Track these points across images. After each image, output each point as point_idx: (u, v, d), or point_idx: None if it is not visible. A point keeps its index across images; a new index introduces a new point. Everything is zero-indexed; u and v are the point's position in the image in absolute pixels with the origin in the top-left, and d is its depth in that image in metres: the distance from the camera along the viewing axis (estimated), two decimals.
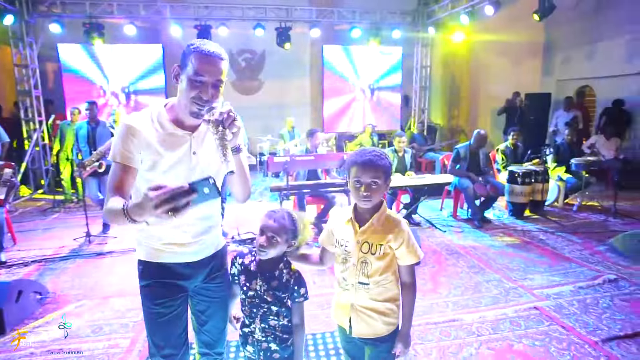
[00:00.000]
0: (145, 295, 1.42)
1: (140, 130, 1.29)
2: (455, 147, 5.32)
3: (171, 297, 1.41)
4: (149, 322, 1.43)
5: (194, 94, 1.25)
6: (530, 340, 2.52)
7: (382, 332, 1.46)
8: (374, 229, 1.42)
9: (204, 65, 1.23)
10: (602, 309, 2.89)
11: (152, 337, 1.44)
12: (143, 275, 1.42)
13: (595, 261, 3.76)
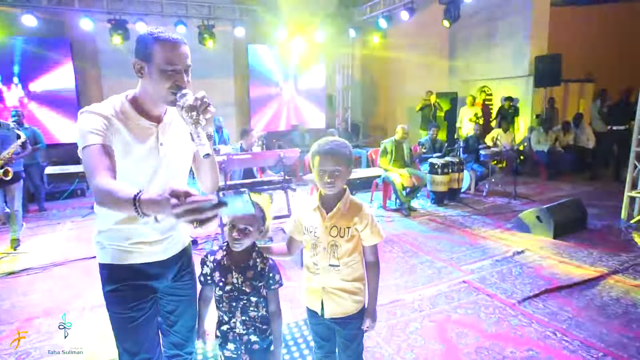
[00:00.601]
0: (113, 301, 1.34)
1: (109, 117, 1.22)
2: (382, 142, 5.69)
3: (143, 300, 1.35)
4: (119, 328, 1.35)
5: (169, 84, 1.21)
6: (464, 310, 2.84)
7: (352, 310, 1.57)
8: (341, 214, 1.52)
9: (173, 53, 1.20)
10: (515, 276, 3.37)
11: (123, 345, 1.36)
12: (109, 280, 1.34)
13: (505, 237, 4.32)
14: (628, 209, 4.42)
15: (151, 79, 1.23)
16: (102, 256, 1.35)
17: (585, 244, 4.05)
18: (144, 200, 0.99)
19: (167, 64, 1.20)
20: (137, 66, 1.24)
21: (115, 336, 1.37)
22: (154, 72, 1.21)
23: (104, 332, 2.40)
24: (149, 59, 1.21)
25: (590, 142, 7.61)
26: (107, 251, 1.34)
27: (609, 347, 2.37)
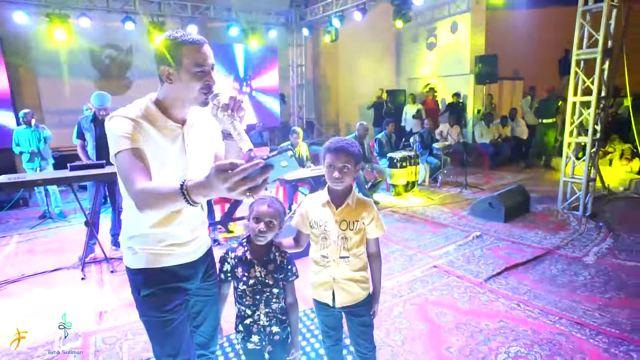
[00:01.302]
0: (150, 305, 1.34)
1: (138, 120, 1.23)
2: None
3: (178, 301, 1.37)
4: (157, 332, 1.36)
5: (200, 84, 1.23)
6: (439, 291, 3.10)
7: (361, 297, 1.70)
8: (350, 209, 1.64)
9: (201, 54, 1.22)
10: (477, 258, 3.71)
11: (161, 348, 1.36)
12: (145, 285, 1.34)
13: (463, 224, 4.71)
14: (564, 192, 5.00)
15: (181, 82, 1.23)
16: (134, 261, 1.35)
17: (531, 226, 4.55)
18: (192, 187, 0.99)
19: (197, 66, 1.21)
20: (164, 73, 1.24)
21: (152, 340, 1.38)
22: (184, 76, 1.22)
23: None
24: (177, 64, 1.22)
25: (524, 134, 8.42)
26: (140, 256, 1.34)
27: (562, 311, 2.74)
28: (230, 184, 0.91)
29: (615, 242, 3.98)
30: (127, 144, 1.17)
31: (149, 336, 1.38)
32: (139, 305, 1.37)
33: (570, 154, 4.86)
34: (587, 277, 3.26)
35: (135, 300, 1.37)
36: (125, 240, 1.36)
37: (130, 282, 1.38)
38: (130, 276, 1.38)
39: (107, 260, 3.73)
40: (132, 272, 1.36)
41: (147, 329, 1.38)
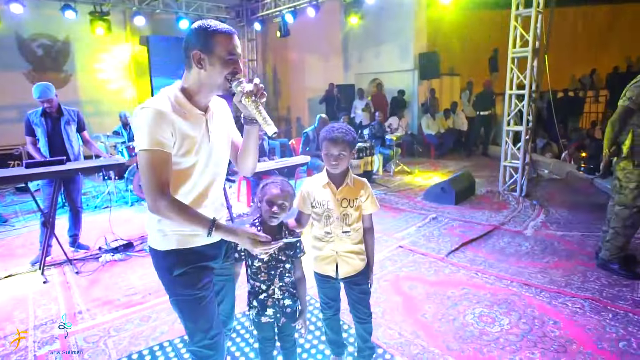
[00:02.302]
0: (184, 284, 1.40)
1: (167, 113, 1.27)
2: (304, 132, 6.03)
3: (208, 279, 1.45)
4: (191, 309, 1.41)
5: (228, 70, 1.31)
6: (407, 268, 3.39)
7: (360, 267, 1.89)
8: (349, 188, 1.82)
9: (232, 43, 1.30)
10: (437, 237, 4.08)
11: (195, 324, 1.42)
12: (178, 264, 1.39)
13: (419, 208, 5.10)
14: (504, 176, 5.61)
15: (212, 67, 1.30)
16: (165, 243, 1.39)
17: (478, 207, 5.06)
18: (220, 228, 1.36)
19: (229, 54, 1.30)
20: (196, 57, 1.30)
21: (186, 319, 1.43)
22: (216, 62, 1.29)
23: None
24: (210, 50, 1.29)
25: (464, 126, 9.16)
26: (171, 238, 1.39)
27: (512, 275, 3.15)
28: (258, 249, 1.39)
29: (547, 217, 4.58)
30: (157, 145, 1.24)
31: (181, 315, 1.44)
32: (170, 285, 1.41)
33: (509, 141, 5.45)
34: (528, 247, 3.75)
35: (166, 281, 1.42)
36: (155, 224, 1.39)
37: (159, 264, 1.43)
38: (158, 259, 1.42)
39: (70, 262, 3.57)
40: (161, 254, 1.40)
41: (179, 309, 1.43)
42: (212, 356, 1.46)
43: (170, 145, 1.28)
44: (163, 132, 1.25)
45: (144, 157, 1.25)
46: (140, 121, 1.26)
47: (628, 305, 2.66)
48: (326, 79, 10.43)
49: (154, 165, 1.24)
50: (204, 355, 1.45)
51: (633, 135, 2.89)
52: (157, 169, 1.24)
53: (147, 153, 1.24)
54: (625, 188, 2.97)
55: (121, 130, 6.13)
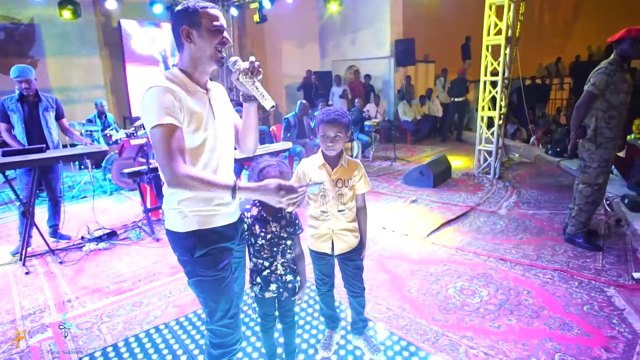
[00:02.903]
0: (205, 264, 1.41)
1: (175, 89, 1.30)
2: (285, 118, 6.06)
3: (228, 260, 1.47)
4: (213, 289, 1.44)
5: (217, 40, 1.36)
6: (391, 248, 3.54)
7: (354, 243, 2.00)
8: (344, 169, 1.91)
9: (214, 15, 1.36)
10: (417, 218, 4.25)
11: (217, 304, 1.45)
12: (200, 245, 1.40)
13: (399, 191, 5.27)
14: (478, 159, 5.85)
15: (201, 39, 1.35)
16: (185, 225, 1.40)
17: (454, 189, 5.28)
18: (242, 188, 1.32)
19: (214, 22, 1.35)
20: (185, 32, 1.35)
21: (207, 299, 1.45)
22: (204, 33, 1.34)
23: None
24: (196, 23, 1.34)
25: (439, 112, 9.41)
26: (191, 219, 1.39)
27: (489, 252, 3.36)
28: (286, 199, 1.30)
29: (519, 197, 4.85)
30: (167, 119, 1.25)
31: (202, 296, 1.46)
32: (191, 267, 1.42)
33: (483, 126, 5.68)
34: (502, 225, 3.98)
35: (186, 262, 1.43)
36: (174, 205, 1.39)
37: (178, 246, 1.43)
38: (178, 240, 1.42)
39: (52, 252, 3.51)
40: (181, 235, 1.40)
41: (201, 289, 1.45)
42: (231, 334, 1.50)
43: (180, 120, 1.29)
44: (173, 107, 1.28)
45: (157, 133, 1.24)
46: (148, 100, 1.27)
47: (591, 274, 2.91)
48: (303, 65, 10.40)
49: (168, 138, 1.24)
50: (224, 333, 1.49)
51: (596, 119, 3.11)
52: (172, 141, 1.24)
53: (159, 128, 1.25)
54: (589, 167, 3.21)
55: (95, 119, 5.95)
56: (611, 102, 3.03)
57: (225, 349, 1.50)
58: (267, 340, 1.94)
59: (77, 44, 7.65)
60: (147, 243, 3.80)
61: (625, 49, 3.02)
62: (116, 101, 8.48)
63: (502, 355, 2.10)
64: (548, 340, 2.20)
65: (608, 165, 3.17)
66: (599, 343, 2.17)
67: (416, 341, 2.24)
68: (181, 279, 3.06)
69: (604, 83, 3.00)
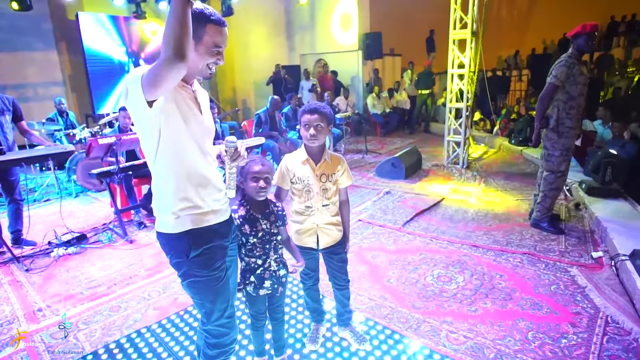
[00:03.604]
0: (201, 264, 1.40)
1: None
2: (256, 113, 6.00)
3: (223, 259, 1.47)
4: (209, 289, 1.43)
5: (212, 60, 1.34)
6: (368, 239, 3.62)
7: (338, 237, 2.03)
8: (327, 163, 1.93)
9: (221, 37, 1.34)
10: (392, 209, 4.36)
11: (214, 304, 1.44)
12: (195, 245, 1.39)
13: (372, 184, 5.37)
14: (447, 150, 6.05)
15: (197, 54, 1.32)
16: (178, 226, 1.38)
17: (425, 179, 5.44)
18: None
19: (215, 46, 1.33)
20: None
21: (203, 299, 1.43)
22: (201, 49, 1.32)
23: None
24: (198, 37, 1.30)
25: (407, 104, 9.61)
26: (184, 219, 1.38)
27: (461, 239, 3.50)
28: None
29: (486, 185, 5.07)
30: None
31: (198, 297, 1.44)
32: (186, 268, 1.40)
33: (451, 117, 5.87)
34: (472, 213, 4.15)
35: (181, 264, 1.40)
36: (168, 206, 1.37)
37: (173, 248, 1.40)
38: (172, 242, 1.39)
39: (17, 260, 3.33)
40: (175, 237, 1.38)
41: (197, 290, 1.43)
42: (227, 334, 1.50)
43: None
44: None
45: (149, 69, 1.18)
46: (135, 70, 1.23)
47: (556, 256, 3.11)
48: (271, 59, 10.29)
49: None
50: (221, 333, 1.49)
51: (558, 110, 3.30)
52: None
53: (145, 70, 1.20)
54: (552, 156, 3.41)
55: (57, 117, 5.63)
56: (571, 93, 3.22)
57: (222, 349, 1.50)
58: (258, 337, 1.95)
59: (31, 38, 7.19)
60: (120, 245, 3.67)
61: (581, 44, 3.20)
62: (78, 99, 8.06)
63: (480, 337, 2.21)
64: (521, 320, 2.34)
65: (569, 153, 3.37)
66: (566, 319, 2.33)
67: (399, 329, 2.31)
68: (159, 281, 3.00)
69: (565, 75, 3.18)
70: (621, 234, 3.13)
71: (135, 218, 4.13)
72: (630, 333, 2.18)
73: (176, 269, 1.44)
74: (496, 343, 2.15)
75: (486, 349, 2.11)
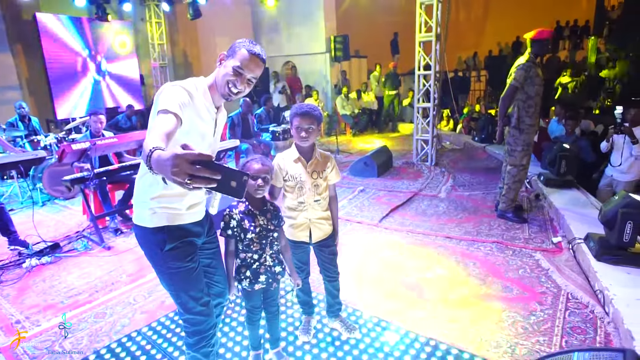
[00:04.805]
0: (175, 257, 1.49)
1: (194, 95, 1.43)
2: (229, 116, 5.98)
3: (195, 253, 1.57)
4: (183, 280, 1.51)
5: (232, 79, 1.45)
6: (348, 235, 3.74)
7: (329, 231, 2.14)
8: (317, 161, 2.03)
9: (249, 62, 1.45)
10: (367, 206, 4.52)
11: (188, 294, 1.52)
12: (170, 240, 1.48)
13: (347, 182, 5.52)
14: (416, 149, 6.31)
15: (224, 69, 1.47)
16: (154, 220, 1.47)
17: (397, 177, 5.66)
18: (154, 157, 0.99)
19: (239, 66, 1.45)
20: (220, 57, 1.50)
21: (178, 290, 1.53)
22: (228, 65, 1.46)
23: None
24: (230, 56, 1.48)
25: (374, 105, 9.87)
26: (161, 215, 1.47)
27: (436, 232, 3.71)
28: (181, 161, 0.91)
29: (454, 181, 5.35)
30: (173, 107, 1.29)
31: (174, 288, 1.53)
32: (161, 260, 1.49)
33: (419, 117, 6.13)
34: (444, 207, 4.39)
35: (156, 257, 1.50)
36: (147, 201, 1.46)
37: (148, 240, 1.50)
38: (148, 235, 1.49)
39: None
40: (151, 230, 1.48)
41: (172, 282, 1.52)
42: (205, 321, 1.59)
43: (182, 115, 1.32)
44: (183, 101, 1.36)
45: (159, 116, 1.27)
46: (170, 93, 1.35)
47: (521, 243, 3.37)
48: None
49: (164, 121, 1.25)
50: (198, 321, 1.57)
51: (518, 109, 3.58)
52: (164, 123, 1.24)
53: (164, 112, 1.27)
54: (515, 151, 3.68)
55: (17, 122, 5.36)
56: (529, 93, 3.51)
57: (201, 335, 1.59)
58: (253, 331, 2.01)
59: None
60: (98, 253, 3.59)
61: (537, 48, 3.50)
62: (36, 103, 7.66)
63: (460, 321, 2.38)
64: (495, 302, 2.54)
65: (530, 148, 3.66)
66: (533, 299, 2.55)
67: (385, 317, 2.45)
68: (143, 285, 2.98)
69: (523, 78, 3.46)
70: (576, 220, 3.44)
71: (111, 225, 4.04)
72: (587, 306, 2.43)
73: (151, 262, 1.53)
74: (474, 324, 2.33)
75: (467, 331, 2.28)
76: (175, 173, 0.91)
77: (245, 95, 6.73)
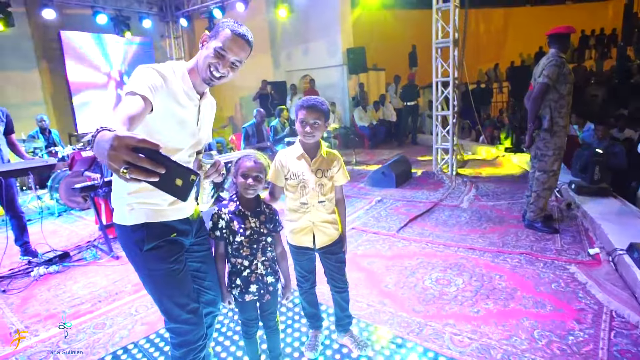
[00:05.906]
0: (155, 258, 1.35)
1: (167, 77, 1.30)
2: (244, 127, 5.95)
3: (180, 253, 1.42)
4: (166, 283, 1.36)
5: (213, 61, 1.33)
6: (363, 247, 3.54)
7: (335, 236, 1.96)
8: (323, 159, 1.87)
9: (232, 43, 1.33)
10: (384, 217, 4.30)
11: (172, 300, 1.37)
12: (149, 238, 1.34)
13: (363, 193, 5.32)
14: (436, 158, 6.07)
15: (206, 50, 1.36)
16: (133, 217, 1.34)
17: (416, 187, 5.42)
18: (99, 136, 0.85)
19: (222, 47, 1.33)
20: (203, 37, 1.39)
21: (161, 294, 1.38)
22: (210, 46, 1.34)
23: None
24: (215, 36, 1.36)
25: (393, 117, 9.70)
26: (139, 211, 1.34)
27: (458, 242, 3.45)
28: (121, 144, 0.78)
29: (477, 191, 5.07)
30: (143, 90, 1.17)
31: (156, 292, 1.39)
32: (140, 262, 1.36)
33: (439, 125, 5.91)
34: (466, 217, 4.12)
35: (135, 258, 1.37)
36: (124, 196, 1.34)
37: (127, 240, 1.36)
38: (126, 234, 1.36)
39: None
40: (129, 229, 1.35)
41: (154, 285, 1.38)
42: (192, 331, 1.42)
43: (152, 97, 1.19)
44: (154, 83, 1.23)
45: (126, 98, 1.15)
46: (139, 72, 1.25)
47: (553, 254, 3.08)
48: (257, 76, 10.32)
49: (129, 104, 1.12)
50: (184, 331, 1.41)
51: (550, 109, 3.32)
52: (129, 106, 1.11)
53: (130, 95, 1.16)
54: (545, 155, 3.41)
55: (38, 135, 5.48)
56: (561, 92, 3.25)
57: (188, 347, 1.41)
58: (250, 346, 1.83)
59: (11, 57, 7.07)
60: (105, 262, 3.51)
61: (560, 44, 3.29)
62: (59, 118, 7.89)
63: (485, 337, 2.13)
64: (525, 319, 2.27)
65: (561, 152, 3.39)
66: (570, 316, 2.27)
67: (401, 333, 2.22)
68: (147, 296, 2.84)
69: (556, 74, 3.20)
70: (615, 230, 3.12)
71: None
72: (637, 327, 2.13)
73: (132, 263, 1.40)
74: (502, 343, 2.08)
75: (492, 350, 2.03)
76: (111, 157, 0.77)
77: (264, 108, 6.66)
